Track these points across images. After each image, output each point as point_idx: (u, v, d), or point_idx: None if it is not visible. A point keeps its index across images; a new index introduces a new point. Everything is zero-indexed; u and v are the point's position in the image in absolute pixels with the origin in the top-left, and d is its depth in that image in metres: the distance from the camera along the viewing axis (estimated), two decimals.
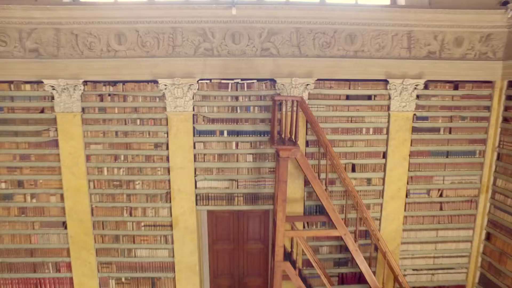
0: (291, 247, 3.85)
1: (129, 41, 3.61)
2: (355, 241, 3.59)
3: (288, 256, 3.78)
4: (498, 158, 3.98)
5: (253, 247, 4.32)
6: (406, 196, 4.07)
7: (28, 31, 3.56)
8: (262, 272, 4.38)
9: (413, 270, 4.30)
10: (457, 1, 3.69)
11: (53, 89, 3.68)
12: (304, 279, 3.93)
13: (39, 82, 3.70)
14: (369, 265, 3.72)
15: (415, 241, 4.21)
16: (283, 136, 3.37)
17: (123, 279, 4.15)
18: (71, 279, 4.11)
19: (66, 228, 3.97)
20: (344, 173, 3.65)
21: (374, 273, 3.92)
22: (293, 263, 3.72)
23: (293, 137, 3.37)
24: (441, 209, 4.15)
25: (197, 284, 4.14)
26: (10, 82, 3.72)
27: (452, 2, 3.69)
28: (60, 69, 3.63)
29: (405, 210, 4.09)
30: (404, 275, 4.21)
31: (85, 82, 3.71)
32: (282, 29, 3.63)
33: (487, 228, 4.13)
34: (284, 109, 3.44)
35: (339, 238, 3.82)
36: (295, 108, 3.33)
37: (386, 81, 3.80)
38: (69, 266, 4.08)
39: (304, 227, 4.03)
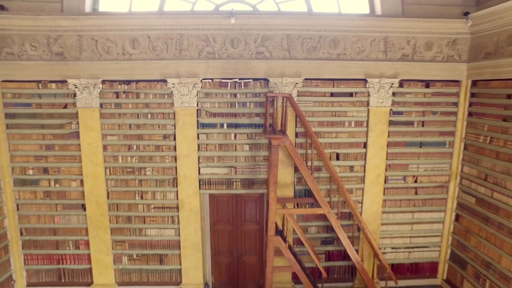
0: (283, 225, 4.47)
1: (142, 46, 4.24)
2: (338, 219, 4.21)
3: (279, 233, 4.37)
4: (465, 148, 4.60)
5: (250, 228, 4.94)
6: (385, 182, 4.69)
7: (55, 37, 4.19)
8: (258, 251, 4.99)
9: (392, 248, 4.92)
10: (426, 11, 4.33)
11: (76, 87, 4.31)
12: (294, 255, 4.53)
13: (63, 81, 4.33)
14: (352, 244, 4.34)
15: (393, 222, 4.83)
16: (274, 127, 4.00)
17: (134, 256, 4.77)
18: (88, 255, 4.73)
19: (85, 210, 4.60)
20: (328, 160, 4.27)
21: (357, 251, 4.55)
22: (284, 239, 4.33)
23: (283, 128, 4.00)
24: (416, 193, 4.78)
25: (200, 260, 4.76)
26: (38, 81, 4.35)
27: (422, 12, 4.34)
28: (82, 70, 4.26)
29: (384, 194, 4.72)
30: (384, 253, 4.86)
31: (103, 81, 4.34)
32: (274, 35, 4.25)
33: (456, 210, 4.75)
34: (275, 105, 4.04)
35: (325, 219, 4.43)
36: (285, 104, 3.97)
37: (365, 80, 4.43)
38: (87, 244, 4.70)
39: (295, 205, 4.65)
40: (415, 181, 4.75)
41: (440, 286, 5.02)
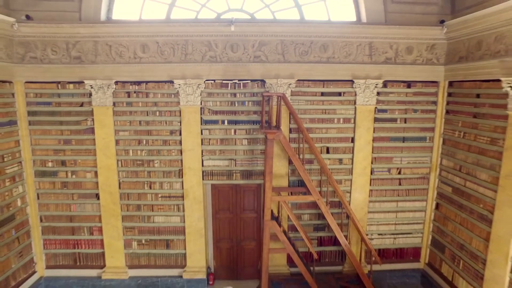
0: (278, 212, 5.03)
1: (151, 50, 4.80)
2: (328, 206, 4.76)
3: (275, 219, 4.92)
4: (443, 142, 5.15)
5: (248, 216, 5.49)
6: (371, 173, 5.25)
7: (73, 43, 4.75)
8: (256, 237, 5.54)
9: (379, 234, 5.47)
10: (407, 19, 4.89)
11: (91, 87, 4.87)
12: (289, 240, 5.06)
13: (80, 82, 4.89)
14: (341, 230, 4.87)
15: (379, 211, 5.39)
16: (270, 124, 4.55)
17: (143, 241, 5.33)
18: (101, 240, 5.29)
19: (98, 199, 5.16)
20: (319, 153, 4.81)
21: (346, 237, 5.10)
22: (279, 225, 4.87)
23: (278, 124, 4.55)
24: (399, 184, 5.33)
25: (203, 245, 5.31)
26: (58, 82, 4.92)
27: (403, 19, 4.89)
28: (97, 72, 4.83)
29: (370, 185, 5.27)
30: (371, 239, 5.41)
31: (116, 82, 4.90)
32: (270, 41, 4.81)
33: (436, 199, 5.31)
34: (271, 103, 4.61)
35: (317, 207, 4.98)
36: (279, 102, 4.52)
37: (352, 81, 4.99)
38: (100, 230, 5.26)
39: (288, 196, 5.19)
40: (399, 173, 5.30)
41: (423, 270, 5.57)
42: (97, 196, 5.16)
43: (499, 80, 3.98)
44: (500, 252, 3.98)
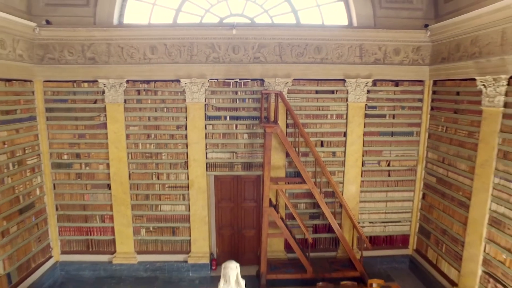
0: (276, 201, 5.52)
1: (160, 52, 5.31)
2: (321, 194, 5.25)
3: (273, 207, 5.41)
4: (429, 137, 5.66)
5: (249, 205, 5.99)
6: (362, 165, 5.75)
7: (88, 45, 5.26)
8: (255, 225, 6.03)
9: (370, 222, 5.97)
10: (394, 23, 5.40)
11: (104, 86, 5.38)
12: (286, 227, 5.55)
13: (94, 81, 5.40)
14: (335, 218, 5.36)
15: (370, 200, 5.89)
16: (268, 119, 5.05)
17: (151, 228, 5.83)
18: (112, 228, 5.78)
19: (110, 189, 5.66)
20: (313, 146, 5.32)
21: (339, 224, 5.59)
22: (277, 212, 5.36)
23: (275, 119, 5.05)
24: (389, 175, 5.84)
25: (206, 232, 5.81)
26: (74, 81, 5.43)
27: (391, 24, 5.40)
28: (110, 72, 5.34)
29: (361, 176, 5.78)
30: (363, 227, 5.91)
31: (127, 81, 5.41)
32: (268, 43, 5.33)
33: (423, 189, 5.81)
34: (269, 100, 5.12)
35: (312, 197, 5.47)
36: (277, 99, 5.02)
37: (344, 80, 5.50)
38: (111, 218, 5.76)
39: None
40: (388, 165, 5.81)
41: (411, 256, 6.07)
42: (109, 186, 5.66)
43: (474, 79, 4.49)
44: (475, 234, 4.48)
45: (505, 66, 4.00)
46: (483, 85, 4.33)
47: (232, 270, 3.59)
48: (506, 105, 4.08)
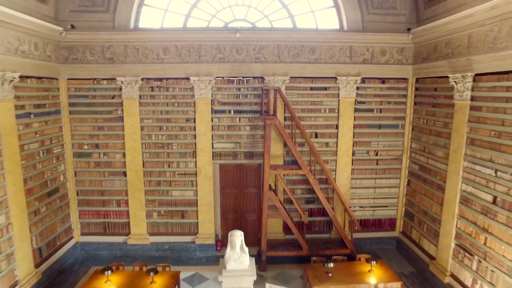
0: (275, 186, 6.25)
1: (171, 53, 6.06)
2: (315, 179, 5.98)
3: (273, 191, 6.14)
4: (412, 129, 6.41)
5: (250, 191, 6.73)
6: (353, 155, 6.50)
7: (107, 46, 6.01)
8: (256, 210, 6.77)
9: (360, 207, 6.70)
10: (381, 27, 6.15)
11: (122, 83, 6.12)
12: (284, 209, 6.28)
13: (113, 79, 6.15)
14: (328, 202, 6.09)
15: (360, 186, 6.63)
16: (268, 112, 5.79)
17: (162, 212, 6.56)
18: (127, 211, 6.52)
19: (125, 176, 6.40)
20: (308, 137, 6.06)
21: (332, 208, 6.32)
22: (276, 195, 6.08)
23: (274, 113, 5.80)
24: (377, 164, 6.58)
25: (212, 215, 6.54)
26: (94, 79, 6.18)
27: (377, 27, 6.15)
28: (127, 71, 6.08)
29: (352, 164, 6.52)
30: (354, 211, 6.65)
31: (142, 79, 6.16)
32: (268, 45, 6.08)
33: (407, 176, 6.55)
34: (269, 96, 5.86)
35: (308, 183, 6.20)
36: (275, 95, 5.76)
37: (336, 78, 6.25)
38: (126, 203, 6.49)
39: (284, 175, 6.41)
40: (376, 155, 6.55)
41: (398, 237, 6.81)
42: (124, 173, 6.40)
43: (448, 77, 5.23)
44: (450, 212, 5.21)
45: (471, 65, 4.75)
46: (455, 81, 5.08)
47: (238, 237, 4.32)
48: (472, 98, 4.83)
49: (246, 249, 4.42)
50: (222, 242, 6.74)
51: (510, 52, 4.05)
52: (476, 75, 4.73)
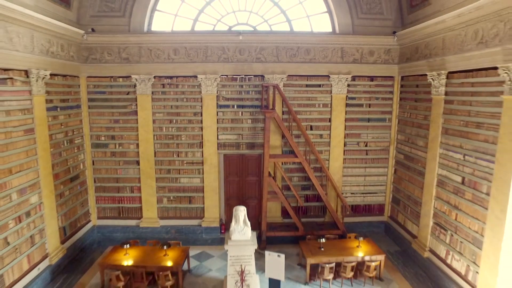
0: (274, 173, 7.02)
1: (181, 53, 6.85)
2: (310, 166, 6.75)
3: (272, 178, 6.90)
4: (398, 122, 7.19)
5: (251, 179, 7.50)
6: (344, 146, 7.28)
7: (123, 48, 6.80)
8: (257, 196, 7.54)
9: (351, 193, 7.48)
10: (369, 30, 6.94)
11: (136, 80, 6.91)
12: (282, 194, 7.04)
13: (128, 77, 6.94)
14: (323, 189, 6.86)
15: (351, 175, 7.41)
16: (268, 107, 6.56)
17: (171, 198, 7.34)
18: (140, 197, 7.30)
19: (138, 164, 7.18)
20: (304, 130, 6.83)
21: (326, 194, 7.08)
22: (274, 182, 6.85)
23: (273, 107, 6.58)
24: (366, 154, 7.36)
25: (217, 201, 7.31)
26: (111, 77, 6.98)
27: (366, 31, 6.94)
28: (140, 69, 6.87)
29: (344, 154, 7.31)
30: (346, 197, 7.41)
31: (155, 77, 6.95)
32: (268, 47, 6.87)
33: (394, 165, 7.32)
34: (268, 92, 6.64)
35: (304, 171, 6.96)
36: (274, 91, 6.55)
37: (329, 76, 7.04)
38: (139, 189, 7.27)
39: (282, 164, 7.18)
40: (366, 146, 7.33)
41: (386, 221, 7.58)
42: (138, 162, 7.18)
43: (426, 75, 6.01)
44: (428, 194, 5.98)
45: (444, 64, 5.53)
46: (432, 78, 5.86)
47: (241, 211, 5.09)
48: (446, 93, 5.61)
49: (248, 222, 5.18)
50: (225, 226, 7.50)
51: (473, 53, 4.84)
52: (449, 73, 5.52)
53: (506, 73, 4.23)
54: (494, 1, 4.24)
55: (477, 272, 4.80)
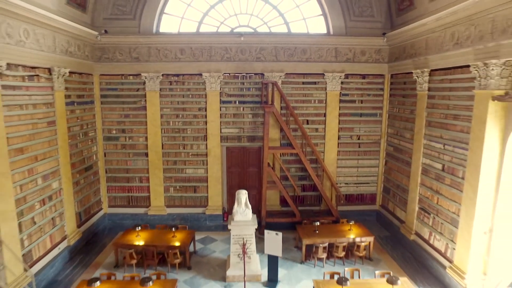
0: (273, 163, 7.64)
1: (187, 53, 7.48)
2: (306, 157, 7.37)
3: (271, 168, 7.51)
4: (388, 117, 7.82)
5: (252, 170, 8.12)
6: (338, 139, 7.91)
7: (134, 48, 7.44)
8: (257, 186, 8.15)
9: (345, 184, 8.10)
10: (361, 32, 7.59)
11: (145, 78, 7.55)
12: (280, 183, 7.65)
13: (138, 75, 7.57)
14: (319, 179, 7.48)
15: (345, 166, 8.04)
16: (267, 102, 7.19)
17: (177, 187, 7.96)
18: (148, 187, 7.92)
19: (147, 156, 7.81)
20: (301, 124, 7.45)
21: (321, 183, 7.70)
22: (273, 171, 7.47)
23: (272, 103, 7.20)
24: (359, 147, 7.99)
25: (219, 190, 7.93)
26: (122, 75, 7.61)
27: (358, 32, 7.58)
28: (149, 68, 7.51)
29: (338, 147, 7.94)
30: (340, 187, 8.02)
31: (162, 75, 7.58)
32: (267, 47, 7.51)
33: (385, 157, 7.95)
34: (268, 89, 7.26)
35: (301, 163, 7.58)
36: (273, 88, 7.18)
37: (323, 74, 7.67)
38: (147, 179, 7.90)
39: (280, 155, 7.80)
40: (358, 139, 7.96)
41: (378, 210, 8.19)
42: (146, 154, 7.81)
43: (412, 72, 6.63)
44: (414, 182, 6.61)
45: (427, 63, 6.16)
46: (417, 76, 6.48)
47: (243, 195, 5.72)
48: (429, 89, 6.24)
49: (249, 205, 5.81)
50: (227, 214, 8.11)
51: (451, 53, 5.47)
52: (431, 70, 6.15)
53: (476, 70, 4.86)
54: (465, 7, 4.87)
55: (454, 249, 5.42)
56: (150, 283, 4.56)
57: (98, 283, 4.55)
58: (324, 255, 6.15)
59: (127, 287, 4.71)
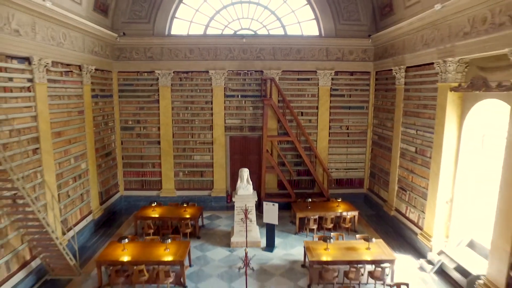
0: (271, 150, 8.70)
1: (195, 53, 8.56)
2: (300, 144, 8.43)
3: (269, 154, 8.57)
4: (374, 109, 8.86)
5: (253, 157, 9.18)
6: (329, 129, 8.98)
7: (148, 48, 8.52)
8: (257, 171, 9.22)
9: (336, 169, 9.17)
10: (349, 34, 8.66)
11: (158, 75, 8.62)
12: (277, 168, 8.70)
13: (152, 72, 8.66)
14: (310, 163, 8.54)
15: (335, 153, 9.11)
16: (266, 96, 8.26)
17: (186, 172, 9.04)
18: (160, 172, 9.01)
19: (159, 144, 8.88)
20: (296, 115, 8.52)
21: (315, 168, 8.76)
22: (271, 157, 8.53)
23: (270, 96, 8.27)
24: (348, 136, 9.06)
25: (224, 174, 9.00)
26: (138, 72, 8.71)
27: (347, 34, 8.66)
28: (162, 66, 8.59)
29: (329, 136, 9.01)
30: (331, 172, 9.09)
31: (174, 72, 8.66)
32: (266, 47, 8.59)
33: (371, 146, 9.00)
34: (267, 84, 8.32)
35: (297, 150, 8.64)
36: (271, 83, 8.25)
37: (316, 71, 8.74)
38: (159, 165, 8.97)
39: (278, 143, 8.86)
40: (347, 129, 9.03)
41: (365, 193, 9.25)
42: (158, 142, 8.88)
43: (392, 69, 7.70)
44: (394, 165, 7.68)
45: (404, 61, 7.24)
46: (395, 72, 7.56)
47: (245, 172, 6.78)
48: (405, 83, 7.32)
49: (250, 182, 6.88)
50: (231, 196, 9.14)
51: (421, 52, 6.55)
52: (407, 67, 7.23)
53: (438, 66, 5.94)
54: (430, 15, 5.95)
55: (423, 218, 6.48)
56: (169, 240, 5.63)
57: (126, 240, 5.62)
58: (315, 227, 7.20)
59: (150, 244, 5.78)
